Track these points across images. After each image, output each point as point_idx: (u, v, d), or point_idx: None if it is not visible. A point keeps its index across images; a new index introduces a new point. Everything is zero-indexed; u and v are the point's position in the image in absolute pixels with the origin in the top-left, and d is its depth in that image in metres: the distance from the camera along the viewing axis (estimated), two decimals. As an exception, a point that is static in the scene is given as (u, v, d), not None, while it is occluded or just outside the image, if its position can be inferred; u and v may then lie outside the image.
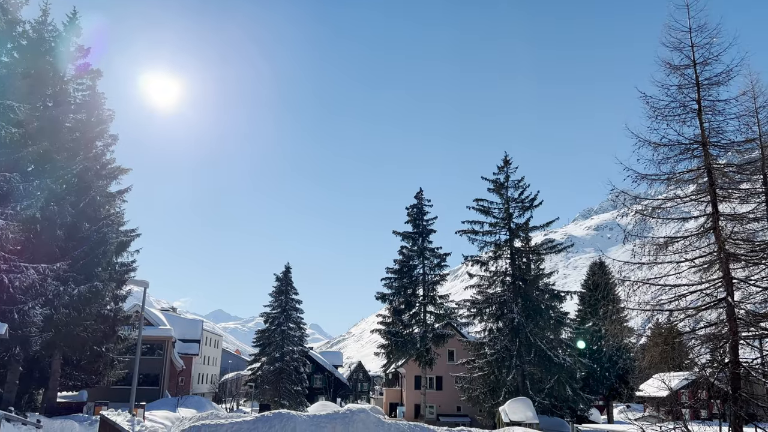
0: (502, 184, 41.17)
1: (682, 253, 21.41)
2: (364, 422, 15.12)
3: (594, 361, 47.32)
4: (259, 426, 14.98)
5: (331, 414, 15.66)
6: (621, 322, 37.28)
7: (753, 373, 20.99)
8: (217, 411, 31.77)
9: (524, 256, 40.44)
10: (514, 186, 41.15)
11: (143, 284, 25.71)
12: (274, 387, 57.06)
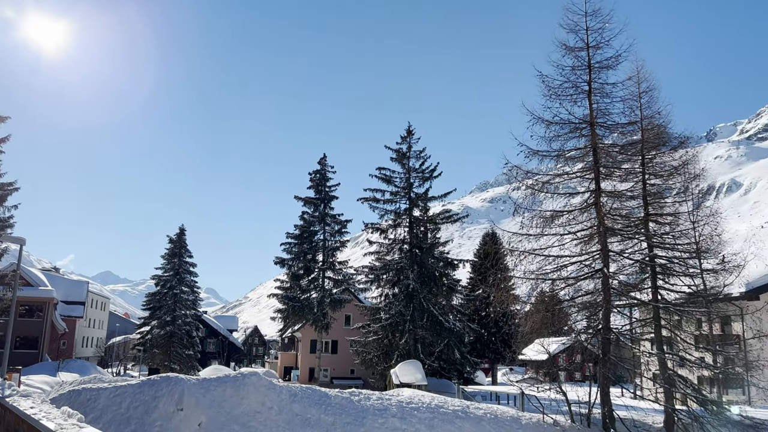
0: (404, 154, 41.66)
1: (566, 227, 22.77)
2: (255, 385, 15.03)
3: (482, 326, 49.70)
4: (145, 390, 14.48)
5: (222, 377, 15.43)
6: (508, 290, 39.23)
7: (622, 338, 22.92)
8: (102, 375, 30.39)
9: (422, 225, 41.40)
10: (415, 156, 41.77)
11: (19, 241, 23.76)
12: (164, 351, 55.34)
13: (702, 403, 20.73)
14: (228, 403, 14.41)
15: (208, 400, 14.26)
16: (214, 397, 14.38)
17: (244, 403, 14.59)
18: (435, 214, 42.44)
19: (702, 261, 23.46)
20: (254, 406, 14.64)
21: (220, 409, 14.13)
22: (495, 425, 16.50)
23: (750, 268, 27.41)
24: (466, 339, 44.33)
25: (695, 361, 22.06)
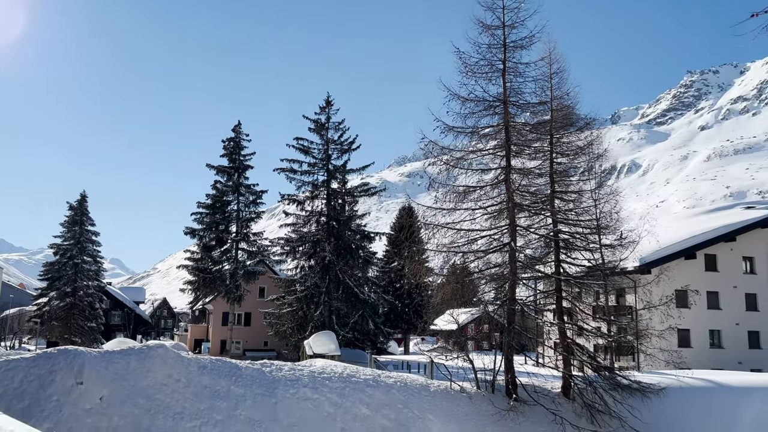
0: (323, 125, 41.22)
1: (477, 202, 23.44)
2: (161, 358, 14.61)
3: (396, 297, 50.68)
4: (41, 363, 13.73)
5: (126, 350, 14.87)
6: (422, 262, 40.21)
7: (526, 309, 24.04)
8: (-7, 350, 28.58)
9: (340, 197, 41.33)
10: (334, 128, 41.43)
11: None
12: (64, 323, 52.62)
13: (596, 369, 22.21)
14: (132, 376, 13.94)
15: (111, 373, 13.74)
16: (117, 370, 13.87)
17: (150, 376, 14.17)
18: (353, 187, 42.47)
19: (601, 237, 24.86)
20: (161, 379, 14.25)
21: (123, 383, 13.65)
22: (404, 393, 16.97)
23: (643, 244, 29.33)
24: (381, 310, 45.08)
25: (592, 330, 23.54)
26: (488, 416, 17.65)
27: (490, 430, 17.08)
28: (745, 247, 39.46)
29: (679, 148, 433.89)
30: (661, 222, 42.40)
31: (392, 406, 16.05)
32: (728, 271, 38.71)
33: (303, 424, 14.73)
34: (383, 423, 15.29)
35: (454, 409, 17.27)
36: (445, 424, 16.36)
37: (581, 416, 19.52)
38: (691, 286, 35.23)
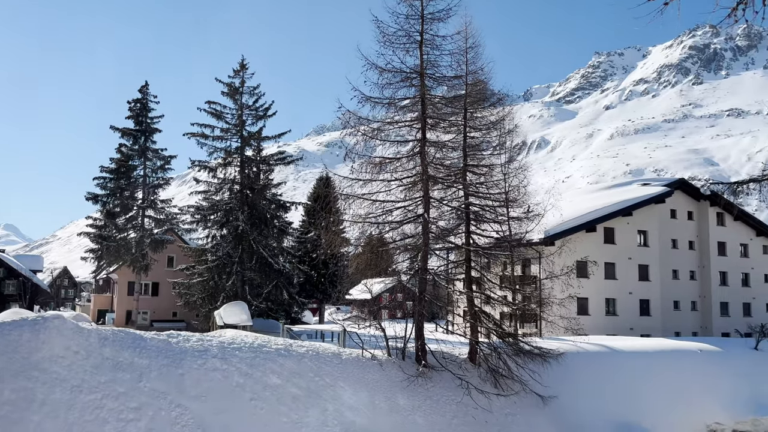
0: (236, 89, 39.92)
1: (393, 173, 23.63)
2: (58, 329, 13.86)
3: (312, 267, 50.59)
4: None
5: (19, 321, 13.99)
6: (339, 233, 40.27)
7: (437, 278, 24.66)
8: None
9: (255, 165, 40.41)
10: (249, 93, 40.24)
11: None
12: (-49, 294, 48.86)
13: (501, 336, 23.25)
14: (25, 348, 13.16)
15: (1, 345, 12.89)
16: (9, 342, 13.04)
17: (45, 348, 13.43)
18: (269, 155, 41.61)
19: (509, 210, 25.78)
20: (58, 351, 13.55)
21: (14, 355, 12.86)
22: (316, 361, 17.07)
23: (548, 218, 30.72)
24: (296, 280, 44.87)
25: (498, 299, 24.56)
26: (398, 382, 18.11)
27: (400, 395, 17.55)
28: (640, 222, 42.22)
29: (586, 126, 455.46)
30: (565, 196, 44.59)
31: (303, 375, 16.13)
32: (624, 244, 41.36)
33: (211, 395, 14.52)
34: (294, 392, 15.36)
35: (365, 376, 17.58)
36: (356, 391, 16.64)
37: (486, 381, 20.42)
38: (591, 258, 37.45)
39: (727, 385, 27.94)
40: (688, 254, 45.76)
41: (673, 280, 44.46)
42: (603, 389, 23.45)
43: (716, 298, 45.73)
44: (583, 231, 38.92)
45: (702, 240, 46.28)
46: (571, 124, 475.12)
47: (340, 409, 15.58)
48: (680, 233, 45.59)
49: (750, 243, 48.37)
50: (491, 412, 18.78)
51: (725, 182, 17.16)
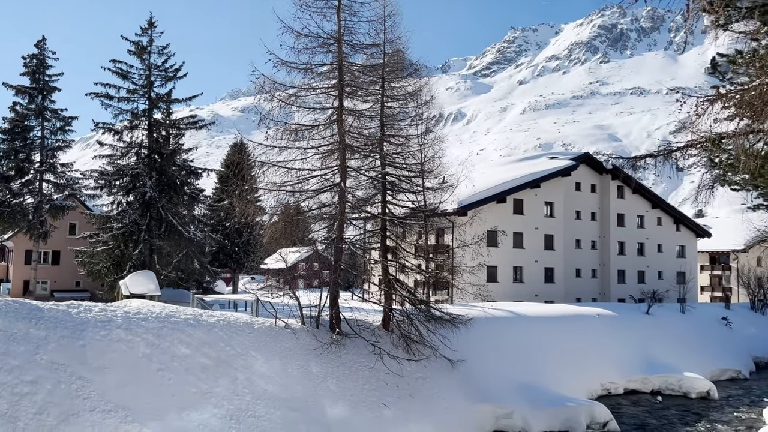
0: (144, 48, 37.71)
1: (310, 141, 23.31)
2: (-58, 301, 12.81)
3: (225, 236, 49.48)
4: None
5: None
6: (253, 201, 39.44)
7: (353, 248, 24.77)
8: None
9: (164, 129, 38.61)
10: (158, 52, 38.12)
11: None
12: None
13: (414, 303, 23.80)
14: None
15: None
16: None
17: (-73, 322, 12.40)
18: (179, 119, 39.85)
19: (425, 180, 26.17)
20: (-59, 325, 12.54)
21: None
22: (227, 331, 16.81)
23: (461, 189, 31.47)
24: (208, 249, 43.74)
25: (413, 267, 25.02)
26: (311, 350, 18.19)
27: (313, 363, 17.65)
28: (547, 193, 44.14)
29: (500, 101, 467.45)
30: (478, 168, 45.83)
31: (214, 345, 15.85)
32: (532, 214, 43.17)
33: (115, 366, 14.00)
34: (204, 362, 15.08)
35: (277, 345, 17.52)
36: (268, 360, 16.56)
37: (398, 346, 20.90)
38: (500, 228, 38.87)
39: (621, 347, 30.08)
40: (590, 225, 48.44)
41: (575, 249, 47.01)
42: (508, 352, 24.62)
43: (614, 267, 48.87)
44: (494, 202, 40.25)
45: (603, 211, 49.08)
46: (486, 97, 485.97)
47: (251, 378, 15.48)
48: (584, 205, 48.11)
49: (646, 215, 51.83)
50: (402, 377, 19.28)
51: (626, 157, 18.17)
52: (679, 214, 54.68)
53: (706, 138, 15.16)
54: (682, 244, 54.42)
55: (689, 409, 25.52)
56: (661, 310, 36.35)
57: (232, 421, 13.84)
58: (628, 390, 28.31)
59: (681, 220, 54.65)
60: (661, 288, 42.39)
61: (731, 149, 15.04)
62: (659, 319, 34.72)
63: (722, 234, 64.51)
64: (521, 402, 21.38)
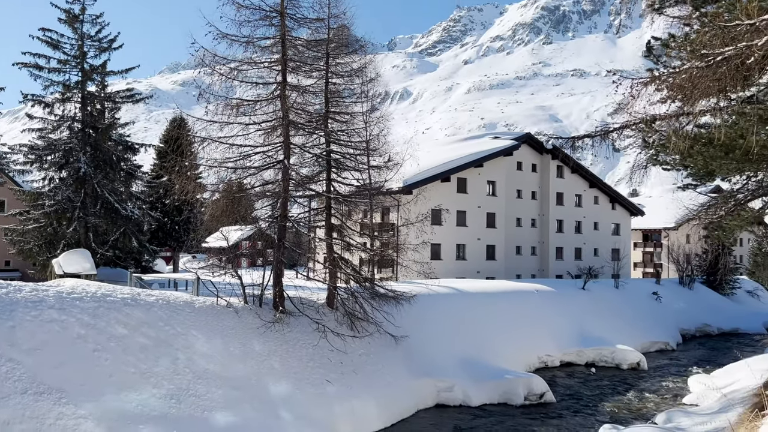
0: (76, 16, 35.83)
1: (252, 117, 22.84)
2: None
3: (165, 214, 48.14)
4: None
5: None
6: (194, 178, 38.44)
7: (297, 226, 24.55)
8: None
9: (98, 102, 37.02)
10: (91, 21, 36.30)
11: None
12: None
13: (358, 281, 23.89)
14: None
15: None
16: None
17: None
18: (114, 92, 38.29)
19: (370, 158, 26.12)
20: None
21: None
22: (167, 310, 16.44)
23: (406, 167, 31.63)
24: (147, 227, 42.49)
25: (358, 245, 25.07)
26: (254, 329, 18.03)
27: (255, 341, 17.52)
28: (490, 173, 44.91)
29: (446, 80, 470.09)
30: (423, 147, 46.09)
31: (153, 324, 15.48)
32: (475, 193, 43.89)
33: (49, 348, 13.48)
34: (142, 341, 14.72)
35: (219, 324, 17.28)
36: (209, 339, 16.33)
37: (342, 324, 20.99)
38: (444, 206, 39.38)
39: (558, 321, 31.19)
40: (530, 203, 49.68)
41: (516, 227, 48.19)
42: (450, 328, 25.14)
43: (553, 244, 50.40)
44: (439, 181, 40.67)
45: (543, 190, 50.39)
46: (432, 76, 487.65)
47: (192, 357, 15.23)
48: (525, 184, 49.26)
49: (584, 194, 53.52)
50: (346, 353, 19.41)
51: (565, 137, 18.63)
52: (614, 194, 56.74)
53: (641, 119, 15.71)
54: (617, 222, 56.58)
55: (621, 379, 26.78)
56: (597, 285, 37.82)
57: (172, 400, 13.62)
58: (564, 362, 29.43)
59: (616, 199, 56.74)
60: (596, 264, 44.08)
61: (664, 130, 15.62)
62: (594, 295, 36.14)
63: (655, 212, 67.45)
64: (462, 376, 21.92)
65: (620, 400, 22.87)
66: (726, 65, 9.84)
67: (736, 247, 64.61)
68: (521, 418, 19.78)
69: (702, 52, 9.87)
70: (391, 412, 18.65)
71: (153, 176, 46.81)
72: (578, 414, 20.62)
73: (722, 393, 19.53)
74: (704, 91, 11.18)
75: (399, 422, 18.70)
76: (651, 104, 14.75)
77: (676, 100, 13.87)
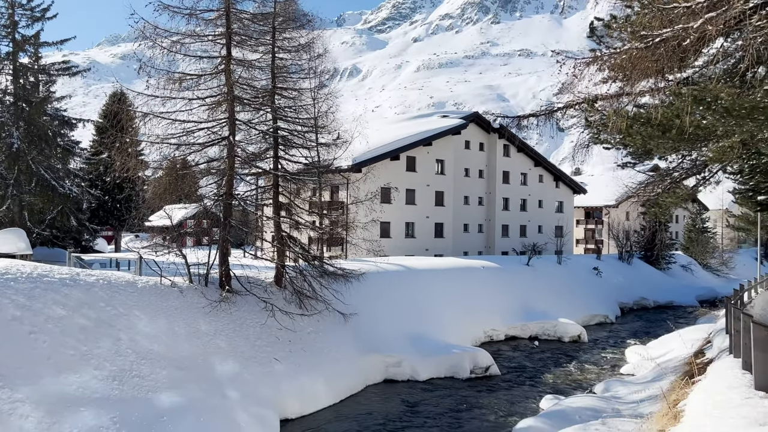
0: (5, -18, 33.87)
1: (195, 91, 22.17)
2: None
3: (106, 192, 46.50)
4: None
5: None
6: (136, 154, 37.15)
7: (244, 204, 24.13)
8: None
9: (32, 74, 35.28)
10: (22, -12, 34.41)
11: None
12: None
13: (307, 259, 23.78)
14: None
15: None
16: None
17: None
18: (49, 64, 36.59)
19: (318, 136, 25.86)
20: None
21: None
22: (108, 290, 15.95)
23: (356, 145, 31.48)
24: (86, 205, 41.04)
25: (306, 224, 24.90)
26: (200, 308, 17.73)
27: (201, 321, 17.24)
28: (438, 151, 45.22)
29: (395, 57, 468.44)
30: (373, 125, 45.93)
31: (93, 305, 14.99)
32: (424, 172, 44.17)
33: (-20, 332, 12.87)
34: (82, 322, 14.25)
35: (163, 304, 16.90)
36: (153, 319, 15.95)
37: (291, 302, 20.89)
38: (393, 184, 39.50)
39: (503, 296, 31.96)
40: (478, 182, 50.40)
41: (464, 205, 48.87)
42: (399, 305, 25.40)
43: (499, 221, 51.40)
44: (388, 159, 40.71)
45: (490, 169, 51.17)
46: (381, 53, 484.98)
47: (135, 338, 14.86)
48: (472, 162, 49.87)
49: (529, 172, 54.64)
50: (295, 332, 19.36)
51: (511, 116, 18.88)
52: (558, 172, 58.17)
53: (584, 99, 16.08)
54: (561, 200, 58.12)
55: (563, 351, 27.75)
56: (540, 261, 38.89)
57: (114, 382, 13.28)
58: (508, 336, 30.26)
59: (560, 177, 58.19)
60: (540, 241, 45.24)
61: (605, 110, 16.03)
62: (538, 270, 37.16)
63: (596, 191, 69.59)
64: (410, 351, 22.24)
65: (562, 371, 23.71)
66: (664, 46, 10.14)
67: (672, 223, 67.53)
68: (467, 391, 20.26)
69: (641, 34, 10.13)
70: (339, 388, 18.78)
71: (92, 153, 45.10)
72: (522, 385, 21.28)
73: (656, 363, 20.51)
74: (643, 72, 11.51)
75: (348, 398, 18.87)
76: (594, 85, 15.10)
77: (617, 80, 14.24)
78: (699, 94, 10.23)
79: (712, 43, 11.44)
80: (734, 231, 60.73)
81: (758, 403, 8.38)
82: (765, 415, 7.70)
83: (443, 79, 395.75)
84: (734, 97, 9.71)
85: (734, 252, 70.55)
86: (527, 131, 19.28)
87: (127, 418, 12.55)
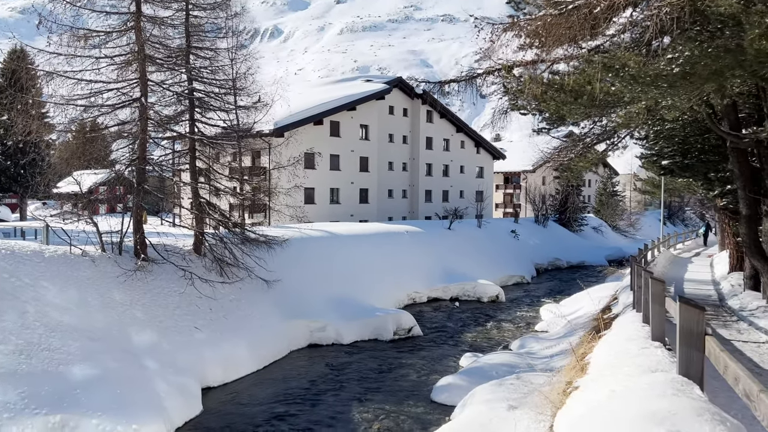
0: None
1: (103, 50, 20.87)
2: None
3: (7, 157, 43.51)
4: None
5: None
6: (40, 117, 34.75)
7: (158, 169, 23.18)
8: None
9: None
10: None
11: None
12: None
13: (227, 226, 23.25)
14: None
15: None
16: None
17: None
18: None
19: (237, 98, 25.08)
20: None
21: None
22: (11, 261, 15.00)
23: (277, 109, 30.80)
24: (-15, 172, 38.29)
25: (227, 189, 24.26)
26: (113, 278, 17.04)
27: (115, 291, 16.59)
28: (362, 116, 45.03)
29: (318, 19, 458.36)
30: (295, 89, 45.01)
31: (-6, 277, 14.10)
32: (348, 137, 43.93)
33: None
34: (-18, 296, 13.39)
35: (74, 274, 16.10)
36: (62, 290, 15.19)
37: (211, 270, 20.45)
38: (317, 149, 39.08)
39: (426, 260, 32.63)
40: (402, 147, 50.71)
41: (388, 171, 49.15)
42: (323, 270, 25.44)
43: (422, 187, 52.13)
44: (311, 123, 40.15)
45: (414, 135, 51.56)
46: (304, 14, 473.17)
47: (43, 310, 14.11)
48: (396, 128, 50.04)
49: (451, 138, 55.50)
50: (216, 300, 19.02)
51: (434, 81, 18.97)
52: (479, 138, 59.43)
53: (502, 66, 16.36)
54: (482, 165, 59.55)
55: (482, 311, 28.78)
56: (461, 225, 39.90)
57: (21, 356, 12.62)
58: (431, 298, 31.04)
59: (481, 143, 59.49)
60: (462, 206, 46.35)
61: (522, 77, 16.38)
62: (459, 234, 38.13)
63: (515, 156, 71.74)
64: (335, 316, 22.41)
65: (480, 330, 24.62)
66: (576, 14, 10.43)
67: (584, 187, 70.81)
68: (391, 352, 20.70)
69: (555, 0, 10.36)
70: (262, 354, 18.71)
71: (-10, 114, 41.84)
72: (443, 345, 21.96)
73: (568, 320, 21.66)
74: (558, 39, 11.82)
75: (272, 364, 18.83)
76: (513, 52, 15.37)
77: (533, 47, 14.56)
78: (609, 61, 10.64)
79: (621, 12, 11.88)
80: (641, 194, 64.53)
81: (652, 352, 9.05)
82: (657, 362, 8.33)
83: (367, 42, 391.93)
84: (640, 65, 10.16)
85: (641, 214, 75.10)
86: (450, 97, 19.47)
87: (36, 392, 12.00)
